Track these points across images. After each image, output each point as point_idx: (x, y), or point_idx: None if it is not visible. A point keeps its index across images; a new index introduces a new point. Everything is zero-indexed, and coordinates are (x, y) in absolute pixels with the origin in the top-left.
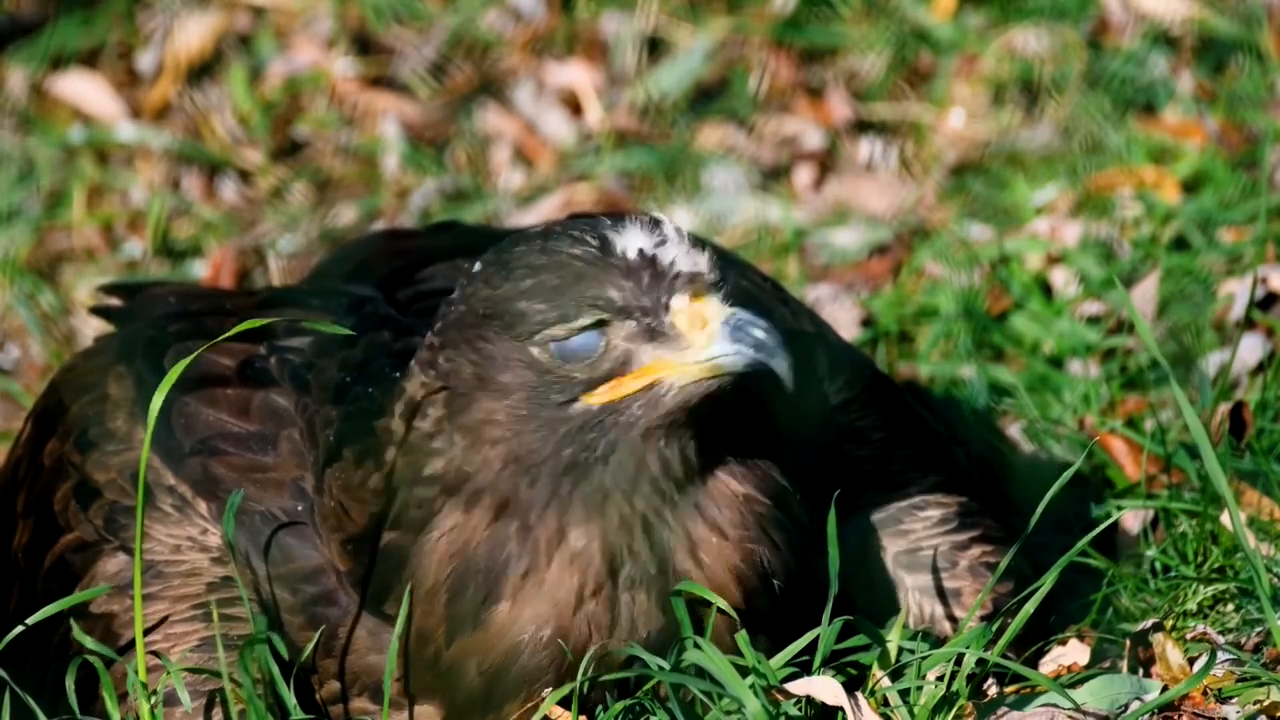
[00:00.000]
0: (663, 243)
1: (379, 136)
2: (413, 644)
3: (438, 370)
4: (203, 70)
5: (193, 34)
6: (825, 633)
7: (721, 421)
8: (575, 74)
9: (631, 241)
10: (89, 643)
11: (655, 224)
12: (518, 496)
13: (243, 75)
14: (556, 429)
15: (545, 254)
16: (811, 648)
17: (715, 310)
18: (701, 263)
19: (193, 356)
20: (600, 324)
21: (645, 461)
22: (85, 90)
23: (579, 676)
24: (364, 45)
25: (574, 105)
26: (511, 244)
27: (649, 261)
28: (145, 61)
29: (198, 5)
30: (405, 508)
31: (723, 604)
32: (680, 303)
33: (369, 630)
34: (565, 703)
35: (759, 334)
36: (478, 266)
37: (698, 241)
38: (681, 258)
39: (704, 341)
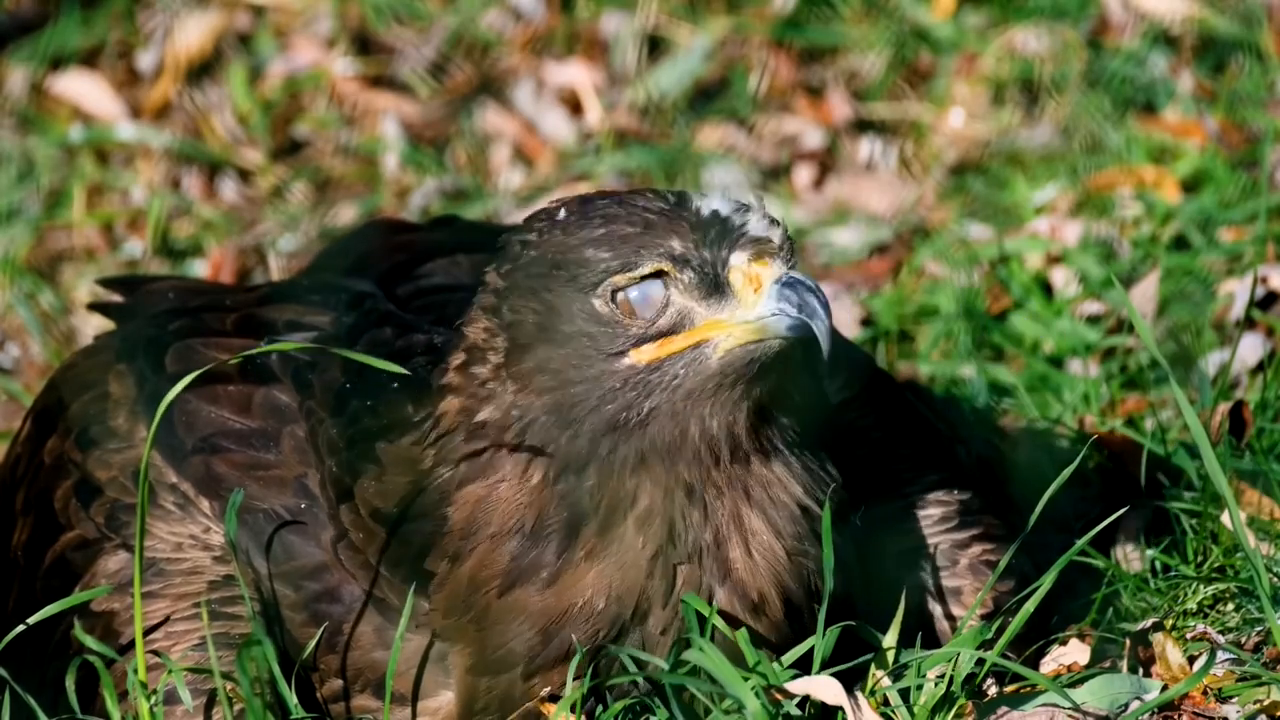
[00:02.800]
0: (740, 209)
1: (379, 136)
2: (460, 590)
3: (501, 318)
4: (203, 70)
5: (193, 33)
6: (825, 637)
7: (776, 404)
8: (575, 73)
9: (709, 203)
10: (89, 642)
11: (743, 202)
12: (560, 451)
13: (243, 75)
14: (602, 383)
15: (623, 206)
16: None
17: (772, 271)
18: (773, 233)
19: (203, 370)
20: (661, 274)
21: (687, 431)
22: (85, 90)
23: (584, 679)
24: (364, 45)
25: (574, 105)
26: (595, 195)
27: (719, 220)
28: (145, 61)
29: (198, 5)
30: (460, 456)
31: (720, 624)
32: (739, 259)
33: (374, 627)
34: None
35: (807, 295)
36: (560, 214)
37: (781, 225)
38: (754, 223)
39: (754, 301)
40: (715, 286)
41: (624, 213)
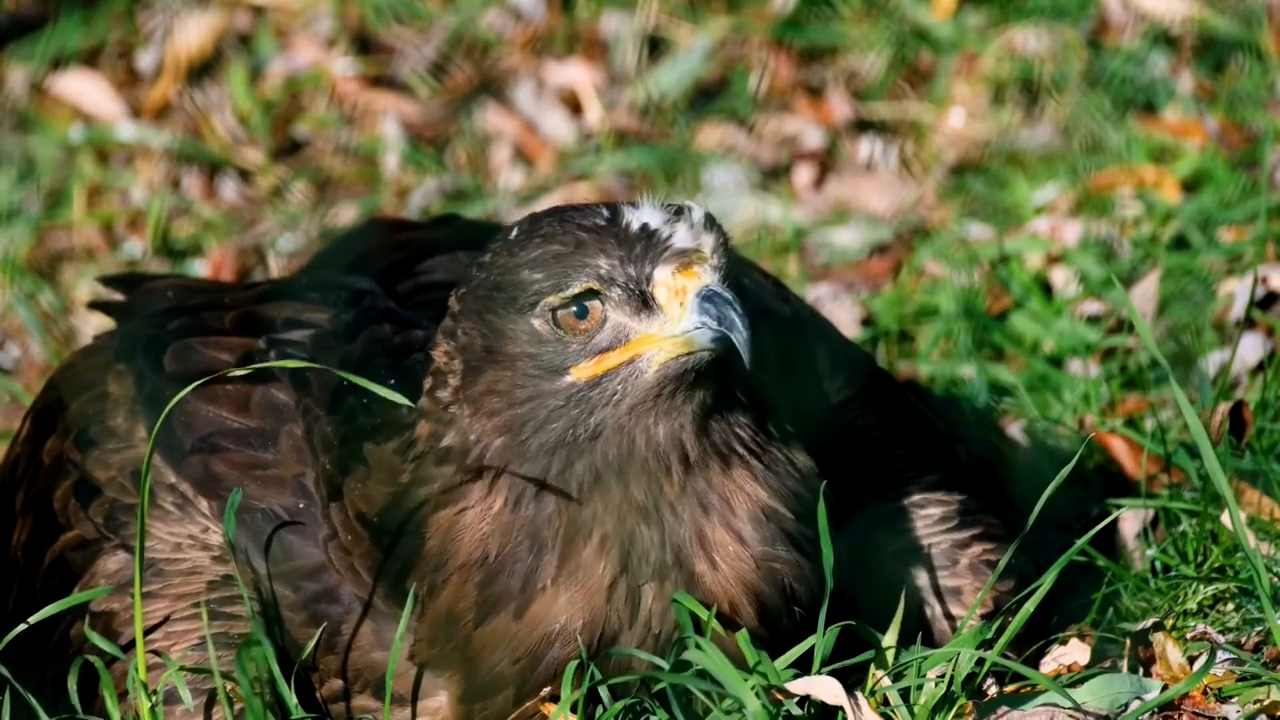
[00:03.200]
0: (670, 220)
1: (379, 136)
2: (439, 622)
3: (457, 341)
4: (203, 70)
5: (193, 33)
6: (823, 637)
7: (723, 408)
8: (575, 73)
9: (640, 216)
10: (94, 639)
11: (678, 207)
12: (516, 474)
13: (243, 75)
14: (547, 403)
15: (562, 224)
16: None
17: (696, 283)
18: (703, 241)
19: (201, 383)
20: (592, 293)
21: (634, 443)
22: (85, 89)
23: (586, 678)
24: (364, 45)
25: (574, 105)
26: (546, 212)
27: (646, 234)
28: (145, 61)
29: (198, 4)
30: (432, 480)
31: (714, 624)
32: (664, 274)
33: (373, 627)
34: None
35: (725, 308)
36: (512, 233)
37: (716, 227)
38: (681, 234)
39: (680, 315)
40: (644, 302)
41: (560, 231)
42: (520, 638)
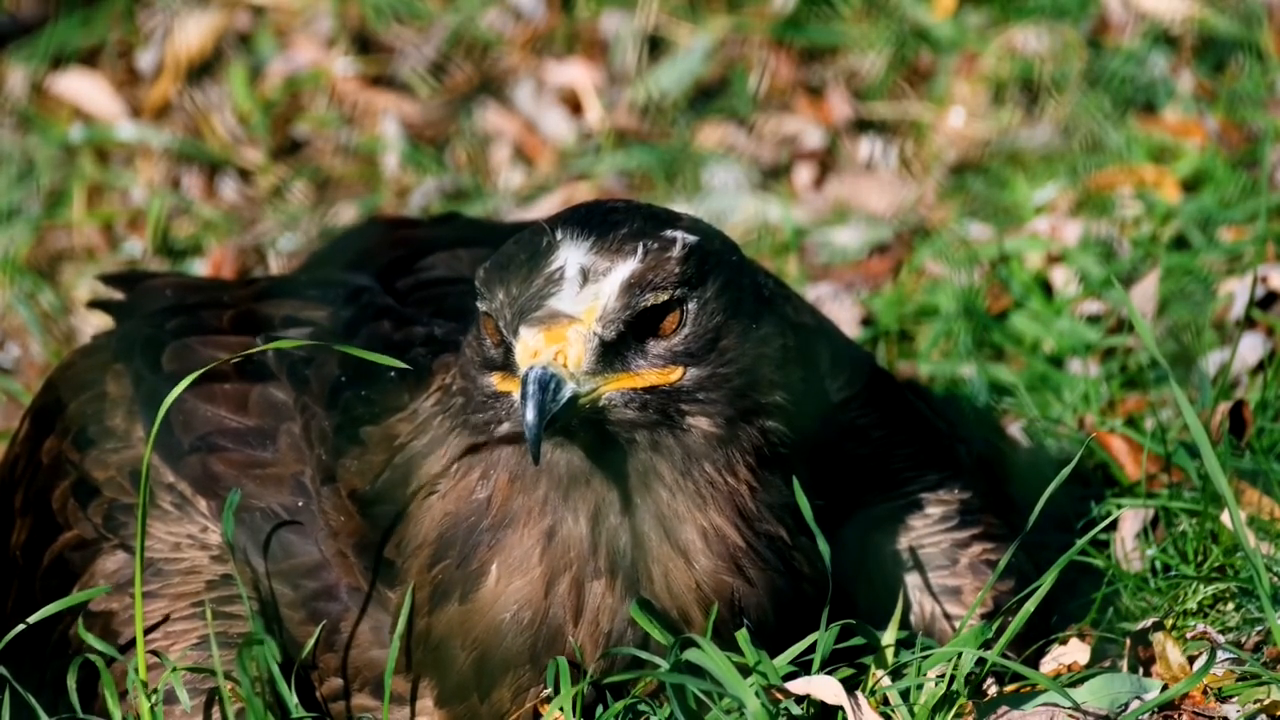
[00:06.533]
0: (580, 273)
1: (379, 135)
2: (414, 615)
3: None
4: (203, 69)
5: (193, 33)
6: (823, 636)
7: (635, 442)
8: (575, 73)
9: (562, 256)
10: (92, 640)
11: (609, 253)
12: (460, 440)
13: (243, 74)
14: (473, 394)
15: (533, 234)
16: (812, 647)
17: (541, 356)
18: (579, 307)
19: (201, 372)
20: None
21: (537, 457)
22: (85, 89)
23: (587, 676)
24: (364, 44)
25: (574, 104)
26: (560, 212)
27: (546, 280)
28: (145, 60)
29: (198, 4)
30: (428, 428)
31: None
32: (527, 333)
33: (371, 625)
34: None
35: (524, 402)
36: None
37: (628, 289)
38: (564, 294)
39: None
40: (508, 351)
41: (523, 239)
42: (470, 625)
